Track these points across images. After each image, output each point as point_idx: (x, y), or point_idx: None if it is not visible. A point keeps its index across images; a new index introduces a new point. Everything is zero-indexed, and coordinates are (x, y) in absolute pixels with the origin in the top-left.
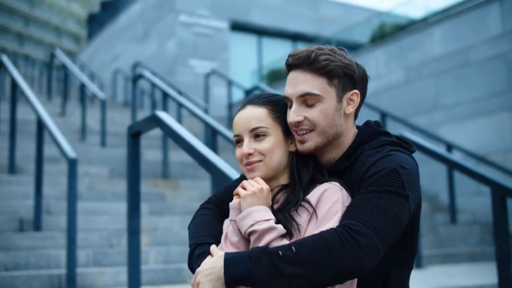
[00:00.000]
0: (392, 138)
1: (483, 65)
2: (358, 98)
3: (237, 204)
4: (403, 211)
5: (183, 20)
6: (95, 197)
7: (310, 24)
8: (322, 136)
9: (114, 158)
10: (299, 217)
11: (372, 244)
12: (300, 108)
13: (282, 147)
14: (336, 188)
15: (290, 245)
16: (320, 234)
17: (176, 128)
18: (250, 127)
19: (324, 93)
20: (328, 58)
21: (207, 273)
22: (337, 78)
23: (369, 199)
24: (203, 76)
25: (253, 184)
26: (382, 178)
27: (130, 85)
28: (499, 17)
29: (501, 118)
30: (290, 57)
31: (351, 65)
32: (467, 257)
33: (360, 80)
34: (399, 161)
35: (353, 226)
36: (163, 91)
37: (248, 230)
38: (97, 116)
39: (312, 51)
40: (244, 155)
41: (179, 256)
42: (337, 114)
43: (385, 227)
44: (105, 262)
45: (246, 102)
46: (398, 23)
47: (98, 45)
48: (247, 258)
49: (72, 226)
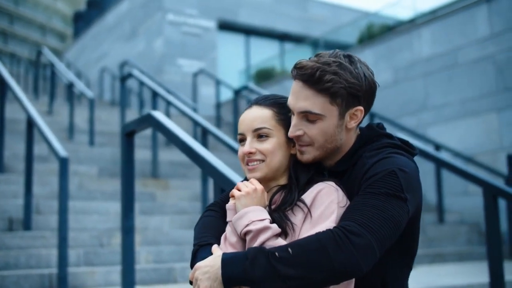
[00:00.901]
0: (394, 140)
1: (472, 66)
2: (362, 114)
3: (233, 205)
4: (401, 213)
5: (171, 19)
6: (85, 196)
7: (298, 24)
8: (321, 150)
9: (103, 157)
10: (294, 216)
11: (368, 245)
12: (301, 122)
13: (284, 149)
14: (332, 188)
15: (287, 246)
16: (316, 235)
17: (172, 127)
18: (254, 127)
19: (326, 112)
20: (333, 79)
21: (205, 270)
22: (340, 97)
23: (367, 201)
24: (191, 76)
25: (247, 185)
26: (380, 180)
27: (117, 84)
28: (487, 19)
29: (489, 119)
30: (295, 69)
31: (357, 83)
32: (455, 257)
33: (366, 95)
34: (398, 163)
35: (348, 227)
36: (152, 90)
37: (243, 230)
38: (85, 115)
39: (317, 68)
40: (246, 153)
41: (170, 255)
42: (337, 130)
43: (381, 229)
44: (96, 261)
45: (253, 102)
46: (386, 24)
47: (85, 43)
48: (244, 259)
49: (64, 225)
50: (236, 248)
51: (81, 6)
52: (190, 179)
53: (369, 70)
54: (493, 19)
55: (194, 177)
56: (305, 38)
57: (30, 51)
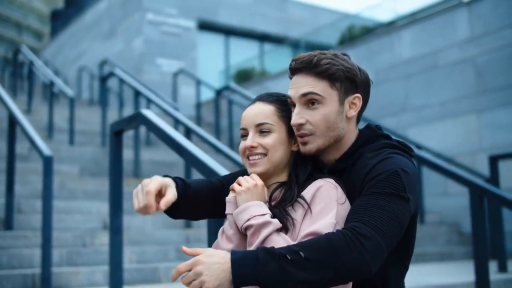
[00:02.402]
0: (392, 141)
1: (452, 68)
2: (360, 102)
3: (233, 198)
4: (405, 213)
5: (150, 18)
6: (67, 195)
7: (278, 24)
8: (324, 138)
9: (83, 157)
10: (295, 212)
11: (378, 246)
12: (302, 110)
13: (285, 145)
14: (331, 185)
15: (298, 248)
16: (326, 236)
17: (163, 126)
18: (256, 122)
19: (326, 94)
20: (330, 62)
21: (214, 267)
22: (339, 81)
23: (373, 202)
24: (170, 75)
25: (248, 180)
26: (383, 180)
27: (96, 83)
28: (467, 22)
29: (468, 120)
30: (293, 61)
31: (353, 69)
32: (435, 257)
33: (363, 84)
34: (399, 164)
35: (359, 229)
36: (135, 89)
37: (244, 225)
38: (64, 113)
39: (315, 55)
40: (247, 147)
41: (153, 255)
42: (339, 117)
43: (389, 229)
44: (79, 261)
45: (256, 98)
46: (366, 26)
47: (62, 42)
48: (255, 260)
49: (48, 225)
50: (232, 241)
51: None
52: None
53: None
54: (473, 22)
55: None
56: (285, 39)
57: (5, 49)
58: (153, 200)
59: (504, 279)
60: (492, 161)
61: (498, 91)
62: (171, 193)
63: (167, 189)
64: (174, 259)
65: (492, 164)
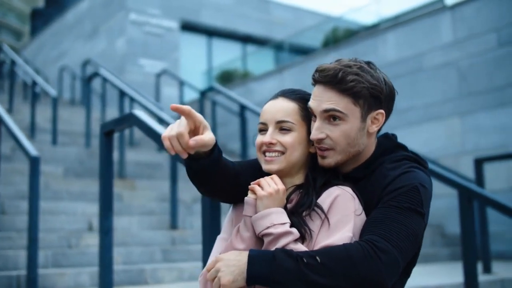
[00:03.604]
0: (409, 152)
1: (436, 71)
2: (383, 118)
3: (253, 200)
4: (420, 228)
5: (133, 18)
6: (51, 196)
7: (261, 26)
8: (343, 154)
9: (67, 157)
10: (312, 222)
11: (395, 262)
12: (323, 125)
13: (303, 145)
14: (349, 195)
15: (314, 253)
16: (344, 246)
17: (155, 127)
18: (277, 119)
19: (349, 111)
20: (355, 79)
21: (230, 264)
22: (363, 98)
23: (391, 215)
24: (152, 76)
25: (270, 184)
26: (403, 194)
27: (78, 83)
28: (450, 26)
29: (452, 123)
30: (317, 72)
31: (378, 85)
32: (420, 258)
33: (387, 99)
34: (419, 179)
35: (377, 243)
36: (120, 89)
37: (264, 232)
38: (46, 113)
39: (340, 69)
40: (266, 143)
41: (139, 257)
42: (360, 133)
43: (406, 245)
44: (65, 263)
45: (279, 93)
46: (350, 29)
47: (43, 41)
48: (272, 259)
49: (34, 226)
50: (247, 243)
51: (39, 4)
52: (156, 180)
53: (387, 77)
54: (456, 26)
55: (161, 177)
56: (267, 41)
57: None
58: (186, 131)
59: (489, 280)
60: (477, 164)
61: (481, 94)
62: (208, 135)
63: (205, 129)
64: (160, 261)
65: (477, 167)
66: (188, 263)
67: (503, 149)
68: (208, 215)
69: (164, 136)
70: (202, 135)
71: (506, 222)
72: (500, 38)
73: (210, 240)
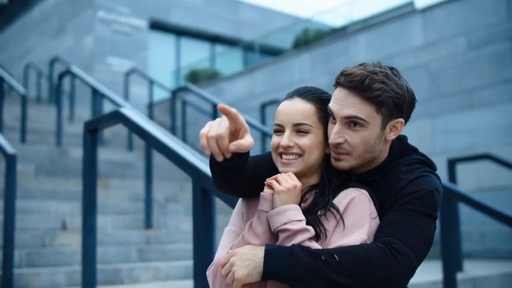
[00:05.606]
0: (421, 156)
1: (406, 73)
2: (401, 127)
3: (269, 195)
4: (433, 231)
5: (101, 16)
6: (23, 195)
7: (230, 26)
8: (358, 159)
9: (38, 156)
10: (327, 222)
11: (411, 264)
12: (343, 129)
13: (320, 147)
14: (365, 198)
15: (332, 252)
16: (362, 247)
17: (143, 125)
18: (295, 122)
19: (370, 119)
20: (382, 88)
21: (245, 258)
22: (386, 107)
23: (408, 218)
24: (121, 75)
25: (287, 180)
26: (419, 198)
27: (44, 81)
28: (421, 29)
29: (422, 125)
30: (342, 76)
31: (402, 94)
32: None
33: (408, 108)
34: (434, 184)
35: (394, 245)
36: (92, 87)
37: (280, 227)
38: (12, 111)
39: (367, 75)
40: (283, 146)
41: (115, 256)
42: (378, 140)
43: (421, 248)
44: (39, 262)
45: (294, 93)
46: (320, 30)
47: (7, 38)
48: (288, 255)
49: (10, 225)
50: (260, 238)
51: None
52: (129, 179)
53: (409, 84)
54: (427, 29)
55: (133, 177)
56: (237, 41)
57: None
58: (227, 133)
59: (462, 278)
60: (450, 164)
61: (451, 96)
62: (248, 140)
63: (245, 133)
64: (136, 260)
65: (450, 167)
66: (164, 262)
67: (472, 150)
68: (200, 213)
69: (202, 134)
70: (242, 139)
71: (474, 222)
72: (469, 41)
73: (202, 239)
